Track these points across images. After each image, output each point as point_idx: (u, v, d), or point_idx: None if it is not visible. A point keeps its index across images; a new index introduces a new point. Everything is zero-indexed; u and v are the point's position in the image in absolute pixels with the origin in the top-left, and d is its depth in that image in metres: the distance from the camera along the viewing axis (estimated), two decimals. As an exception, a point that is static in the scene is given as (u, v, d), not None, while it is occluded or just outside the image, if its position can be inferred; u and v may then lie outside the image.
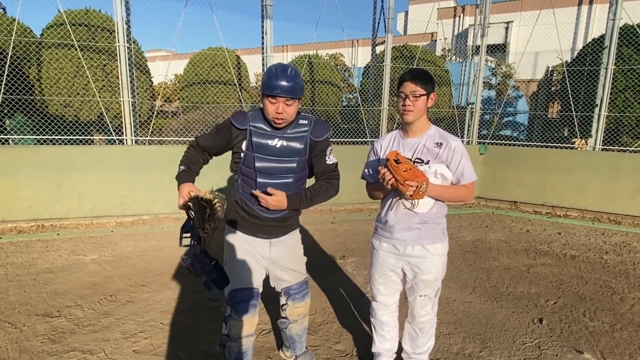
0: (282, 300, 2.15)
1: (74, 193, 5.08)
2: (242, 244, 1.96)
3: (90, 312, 2.94)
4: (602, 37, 6.68)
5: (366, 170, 2.10)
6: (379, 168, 1.80)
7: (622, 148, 6.52)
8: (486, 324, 2.89)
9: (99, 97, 5.94)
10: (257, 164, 1.83)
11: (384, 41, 6.66)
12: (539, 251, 4.53)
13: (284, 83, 1.73)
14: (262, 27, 5.92)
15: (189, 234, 1.64)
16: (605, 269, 4.02)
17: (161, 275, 3.68)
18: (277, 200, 1.83)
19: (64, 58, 6.28)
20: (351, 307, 3.10)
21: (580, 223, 5.78)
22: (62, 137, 5.58)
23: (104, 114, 5.88)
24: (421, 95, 1.81)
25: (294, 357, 2.34)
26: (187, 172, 1.83)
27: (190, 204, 1.63)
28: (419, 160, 1.88)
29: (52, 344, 2.52)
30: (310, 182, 2.06)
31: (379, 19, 7.53)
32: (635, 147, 6.42)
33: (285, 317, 2.17)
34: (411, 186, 1.69)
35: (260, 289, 2.01)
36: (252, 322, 1.95)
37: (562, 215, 6.13)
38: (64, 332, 2.67)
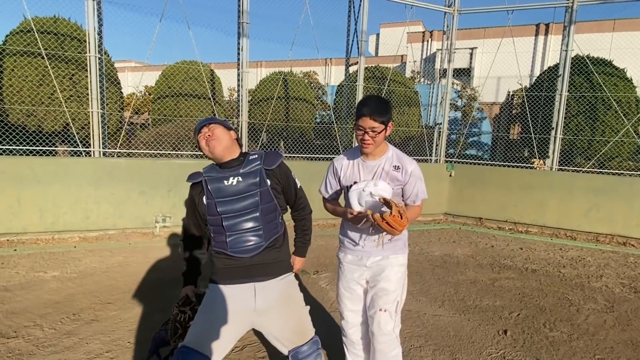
0: None
1: (35, 206, 4.83)
2: (219, 301, 1.77)
3: (50, 332, 2.79)
4: (557, 66, 7.24)
5: (324, 187, 2.15)
6: (370, 214, 1.75)
7: (576, 168, 7.00)
8: (455, 336, 2.98)
9: (66, 107, 5.74)
10: (220, 208, 1.77)
11: (357, 62, 6.89)
12: (502, 265, 4.74)
13: (203, 120, 1.88)
14: (239, 44, 5.98)
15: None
16: (563, 282, 4.26)
17: (128, 292, 3.55)
18: (299, 266, 2.09)
19: (28, 66, 6.05)
20: (324, 322, 3.11)
21: (540, 239, 6.10)
22: (23, 148, 5.33)
23: (71, 124, 5.68)
24: (380, 131, 1.84)
25: None
26: (186, 274, 1.93)
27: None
28: None
29: (7, 367, 2.37)
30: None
31: (352, 41, 7.80)
32: (588, 167, 6.91)
33: None
34: (402, 227, 1.73)
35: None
36: None
37: (524, 231, 6.46)
38: (21, 353, 2.51)
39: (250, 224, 1.78)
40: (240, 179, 1.79)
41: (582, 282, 4.27)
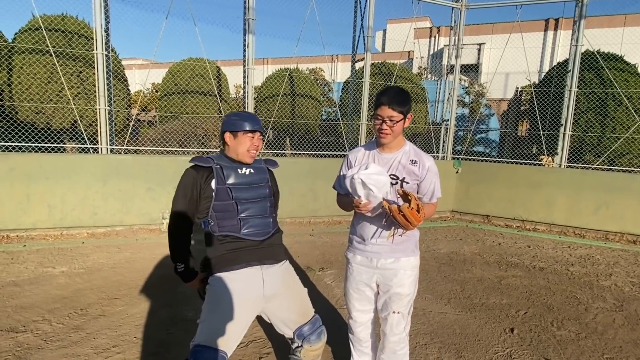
0: (296, 343, 1.95)
1: (43, 203, 4.89)
2: (229, 292, 1.78)
3: (59, 327, 2.83)
4: (566, 61, 7.12)
5: (337, 180, 2.08)
6: (386, 205, 1.71)
7: (585, 166, 6.90)
8: (461, 334, 2.96)
9: (74, 104, 5.79)
10: (235, 194, 1.86)
11: (363, 58, 6.85)
12: (510, 263, 4.70)
13: (257, 121, 1.93)
14: (244, 40, 5.97)
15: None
16: (571, 280, 4.21)
17: (135, 287, 3.58)
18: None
19: (37, 63, 6.10)
20: (329, 319, 3.11)
21: (548, 236, 6.03)
22: (33, 145, 5.39)
23: (78, 121, 5.73)
24: (399, 120, 1.81)
25: None
26: (187, 270, 1.89)
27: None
28: (393, 177, 1.89)
29: (17, 361, 2.40)
30: None
31: (359, 36, 7.75)
32: (597, 165, 6.81)
33: (297, 357, 1.98)
34: (418, 222, 1.69)
35: (230, 353, 1.76)
36: None
37: (531, 229, 6.39)
38: (30, 348, 2.55)
39: (260, 211, 1.93)
40: (252, 170, 1.95)
41: (590, 280, 4.22)
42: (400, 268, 1.93)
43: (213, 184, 1.84)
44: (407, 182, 1.89)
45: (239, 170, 1.91)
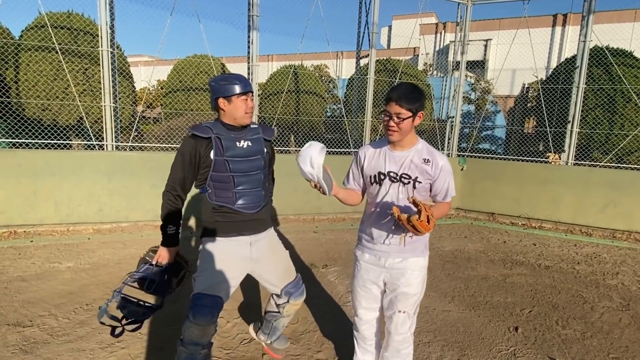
0: (282, 300, 2.20)
1: (50, 199, 4.94)
2: (220, 252, 1.99)
3: (64, 322, 2.86)
4: (574, 57, 7.03)
5: (346, 177, 2.08)
6: (396, 213, 1.67)
7: (592, 163, 6.82)
8: (464, 332, 2.95)
9: (79, 101, 5.82)
10: (232, 166, 1.94)
11: (368, 54, 6.81)
12: (515, 261, 4.67)
13: (247, 82, 1.95)
14: (249, 37, 5.97)
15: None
16: (577, 279, 4.18)
17: (140, 283, 3.60)
18: None
19: (43, 61, 6.15)
20: (333, 316, 3.11)
21: (554, 235, 5.98)
22: (39, 141, 5.43)
23: (84, 118, 5.77)
24: (406, 117, 1.77)
25: (270, 341, 2.44)
26: (176, 235, 2.00)
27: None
28: (405, 176, 1.86)
29: (23, 355, 2.44)
30: None
31: (363, 33, 7.70)
32: (605, 162, 6.73)
33: (278, 312, 2.24)
34: (428, 231, 1.67)
35: (225, 301, 1.98)
36: (207, 331, 1.91)
37: (537, 227, 6.34)
38: (36, 342, 2.58)
39: (255, 184, 2.03)
40: (250, 143, 2.01)
41: (597, 279, 4.18)
42: (408, 268, 1.91)
43: (212, 154, 1.91)
44: (420, 182, 1.86)
45: (238, 143, 1.97)
